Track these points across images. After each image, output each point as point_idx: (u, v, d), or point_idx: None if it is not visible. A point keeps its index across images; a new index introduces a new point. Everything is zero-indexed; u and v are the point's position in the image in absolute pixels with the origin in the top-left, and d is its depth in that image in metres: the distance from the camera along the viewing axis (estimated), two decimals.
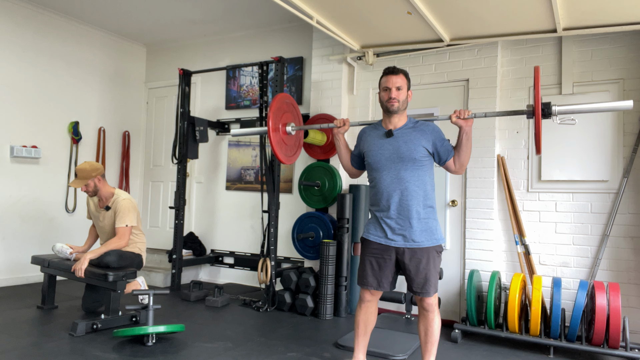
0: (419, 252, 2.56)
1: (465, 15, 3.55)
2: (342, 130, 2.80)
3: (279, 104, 2.85)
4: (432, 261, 2.57)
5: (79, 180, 3.80)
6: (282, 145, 2.86)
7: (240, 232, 5.49)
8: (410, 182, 2.56)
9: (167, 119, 6.15)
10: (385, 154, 2.61)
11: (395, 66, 2.67)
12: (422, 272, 2.55)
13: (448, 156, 2.63)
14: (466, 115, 2.50)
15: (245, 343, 3.32)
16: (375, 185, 2.67)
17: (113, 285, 3.50)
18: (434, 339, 2.63)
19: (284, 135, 2.88)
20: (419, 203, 2.57)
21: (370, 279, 2.65)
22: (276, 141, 2.80)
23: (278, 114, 2.83)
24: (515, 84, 4.06)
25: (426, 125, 2.65)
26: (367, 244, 2.69)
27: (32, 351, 2.99)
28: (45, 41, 5.28)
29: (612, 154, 3.69)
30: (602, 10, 3.30)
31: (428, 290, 2.56)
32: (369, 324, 2.76)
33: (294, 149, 3.02)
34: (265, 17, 5.20)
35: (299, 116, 3.07)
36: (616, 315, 3.06)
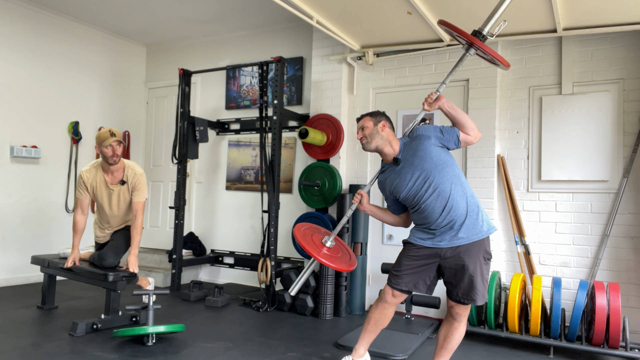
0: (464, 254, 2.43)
1: (465, 15, 3.55)
2: (365, 201, 2.71)
3: (301, 234, 2.68)
4: (479, 266, 2.43)
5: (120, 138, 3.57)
6: (336, 260, 2.68)
7: (240, 232, 5.49)
8: (444, 183, 2.47)
9: (167, 119, 6.15)
10: (408, 177, 2.54)
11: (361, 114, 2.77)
12: (466, 278, 2.43)
13: (456, 134, 2.56)
14: (432, 96, 2.57)
15: (245, 343, 3.32)
16: (417, 209, 2.56)
17: (113, 285, 3.49)
18: (452, 347, 2.58)
19: (330, 251, 2.70)
20: (460, 198, 2.47)
21: (407, 279, 2.56)
22: (332, 261, 2.62)
23: (309, 241, 2.67)
24: (515, 84, 4.06)
25: (416, 130, 2.63)
26: (410, 246, 2.60)
27: (32, 351, 2.99)
28: (45, 41, 5.28)
29: (612, 154, 3.69)
30: (602, 10, 3.30)
31: (474, 298, 2.43)
32: (380, 323, 2.69)
33: (346, 254, 2.82)
34: (265, 17, 5.20)
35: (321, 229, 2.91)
36: (616, 315, 3.06)
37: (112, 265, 3.60)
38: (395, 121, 4.47)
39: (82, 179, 3.67)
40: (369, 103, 4.62)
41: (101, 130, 3.64)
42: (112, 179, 3.67)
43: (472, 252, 2.44)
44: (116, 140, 3.53)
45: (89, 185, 3.68)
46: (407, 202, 2.61)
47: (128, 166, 3.70)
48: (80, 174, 3.70)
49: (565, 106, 3.86)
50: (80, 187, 3.71)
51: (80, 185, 3.70)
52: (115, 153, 3.54)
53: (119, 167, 3.66)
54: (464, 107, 4.18)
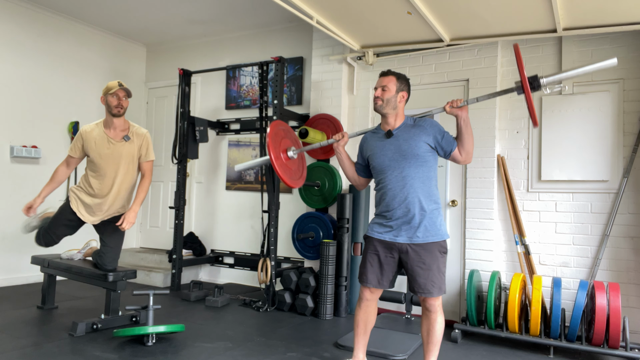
0: (422, 250, 2.55)
1: (465, 15, 3.55)
2: (342, 143, 2.78)
3: (275, 131, 2.81)
4: (436, 261, 2.55)
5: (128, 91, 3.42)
6: (287, 170, 2.82)
7: (240, 232, 5.48)
8: (415, 179, 2.58)
9: (167, 119, 6.15)
10: (388, 154, 2.63)
11: (390, 69, 2.69)
12: (424, 272, 2.54)
13: (452, 147, 2.63)
14: (459, 103, 2.54)
15: (245, 343, 3.32)
16: (381, 187, 2.67)
17: (113, 286, 3.50)
18: (436, 340, 2.62)
19: (287, 161, 2.84)
20: (424, 199, 2.57)
21: (371, 276, 2.65)
22: (281, 169, 2.76)
23: (276, 140, 2.79)
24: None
25: (424, 120, 2.67)
26: (370, 242, 2.69)
27: (32, 351, 2.99)
28: (45, 41, 5.28)
29: (612, 154, 3.69)
30: (602, 10, 3.29)
31: (430, 290, 2.54)
32: (369, 323, 2.76)
33: (299, 171, 2.97)
34: (265, 17, 5.20)
35: (296, 139, 3.02)
36: (616, 315, 3.06)
37: (113, 270, 3.58)
38: None
39: (80, 134, 3.44)
40: (369, 103, 4.62)
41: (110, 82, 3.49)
42: (114, 134, 3.43)
43: (429, 247, 2.55)
44: (124, 90, 3.37)
45: (86, 141, 3.40)
46: (374, 173, 2.73)
47: (132, 125, 3.54)
48: (81, 128, 3.49)
49: (565, 106, 3.86)
50: (77, 142, 3.45)
51: (77, 140, 3.45)
52: (120, 103, 3.36)
53: (123, 124, 3.45)
54: None
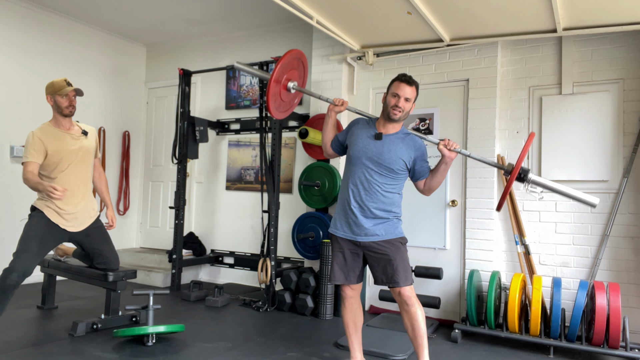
0: (384, 244, 2.61)
1: (465, 15, 3.55)
2: (337, 110, 2.81)
3: (290, 59, 2.76)
4: (398, 251, 2.61)
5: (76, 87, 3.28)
6: (277, 98, 2.80)
7: (240, 232, 5.48)
8: (380, 187, 2.63)
9: (167, 119, 6.15)
10: (368, 153, 2.65)
11: (411, 77, 2.68)
12: (389, 263, 2.59)
13: (421, 176, 2.71)
14: (453, 147, 2.57)
15: (245, 343, 3.32)
16: (348, 178, 2.72)
17: (113, 286, 3.50)
18: (422, 332, 2.62)
19: (283, 90, 2.82)
20: (383, 207, 2.63)
21: (338, 274, 2.71)
22: (273, 92, 2.73)
23: (286, 67, 2.76)
24: (515, 84, 4.06)
25: (415, 140, 2.69)
26: (334, 240, 2.75)
27: (32, 351, 2.99)
28: (45, 41, 5.28)
29: (612, 154, 3.69)
30: (602, 10, 3.29)
31: (397, 280, 2.58)
32: (358, 321, 2.79)
33: (286, 106, 2.95)
34: (265, 17, 5.20)
35: (305, 77, 2.99)
36: (616, 315, 3.06)
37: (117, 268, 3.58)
38: None
39: (36, 137, 3.13)
40: (369, 103, 4.62)
41: (55, 79, 3.30)
42: (74, 130, 3.32)
43: (390, 241, 2.63)
44: (74, 90, 3.26)
45: (46, 141, 3.16)
46: (347, 160, 2.76)
47: (77, 123, 3.42)
48: (31, 134, 3.17)
49: (565, 106, 3.86)
50: (34, 147, 3.10)
51: (33, 145, 3.10)
52: (71, 104, 3.24)
53: (70, 122, 3.33)
54: (464, 107, 4.19)
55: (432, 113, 4.32)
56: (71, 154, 3.27)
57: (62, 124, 3.30)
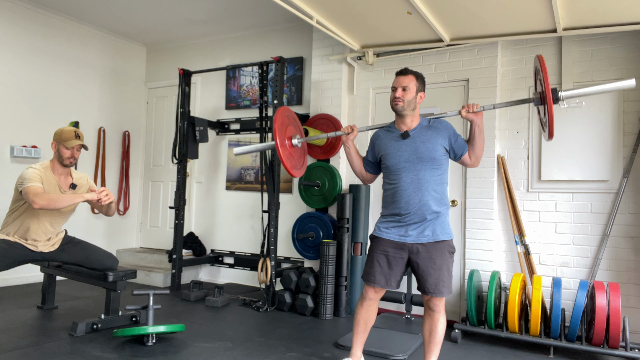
0: (432, 249, 2.55)
1: (465, 15, 3.55)
2: (351, 137, 2.76)
3: (282, 119, 2.81)
4: (445, 261, 2.56)
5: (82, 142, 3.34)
6: (292, 160, 2.84)
7: (240, 232, 5.49)
8: (431, 182, 2.57)
9: (167, 119, 6.15)
10: (404, 155, 2.61)
11: (407, 68, 2.66)
12: (435, 271, 2.53)
13: (463, 151, 2.65)
14: (475, 108, 2.54)
15: (245, 343, 3.32)
16: (393, 187, 2.64)
17: (113, 286, 3.50)
18: (438, 340, 2.62)
19: (291, 149, 2.85)
20: (437, 203, 2.58)
21: (379, 277, 2.62)
22: (286, 156, 2.77)
23: (282, 128, 2.80)
24: (516, 84, 4.06)
25: (439, 122, 2.67)
26: (378, 242, 2.67)
27: (32, 351, 2.99)
28: (45, 41, 5.28)
29: (612, 154, 3.69)
30: (602, 10, 3.30)
31: (441, 290, 2.53)
32: (369, 322, 2.76)
33: (301, 160, 3.00)
34: (265, 17, 5.20)
35: (300, 127, 3.05)
36: (616, 315, 3.06)
37: (115, 267, 3.58)
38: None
39: (37, 172, 3.23)
40: (369, 103, 4.62)
41: (65, 127, 3.37)
42: (64, 182, 3.41)
43: (439, 247, 2.56)
44: (79, 145, 3.33)
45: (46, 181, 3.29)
46: (386, 172, 2.70)
47: (72, 171, 3.50)
48: (32, 169, 3.24)
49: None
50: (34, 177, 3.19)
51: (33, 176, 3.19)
52: (73, 156, 3.33)
53: (68, 171, 3.44)
54: None
55: (432, 113, 4.31)
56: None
57: (58, 171, 3.38)
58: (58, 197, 3.11)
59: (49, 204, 3.06)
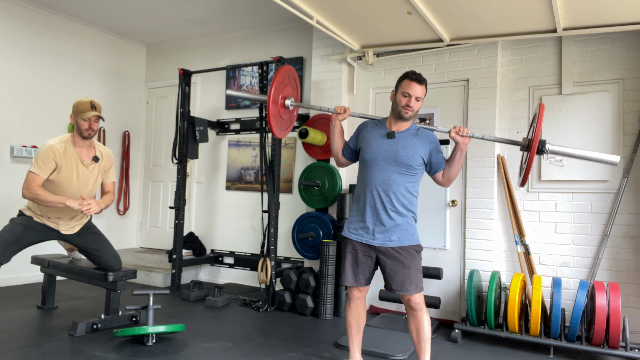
0: (400, 250, 2.60)
1: (465, 15, 3.55)
2: (341, 118, 2.80)
3: (282, 77, 2.80)
4: (412, 259, 2.61)
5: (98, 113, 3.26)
6: (278, 119, 2.84)
7: (240, 232, 5.48)
8: (400, 186, 2.61)
9: (167, 119, 6.15)
10: (383, 153, 2.64)
11: (421, 74, 2.63)
12: (402, 270, 2.59)
13: (439, 168, 2.70)
14: (464, 132, 2.56)
15: (245, 343, 3.32)
16: (364, 181, 2.69)
17: (113, 285, 3.49)
18: (427, 337, 2.63)
19: (282, 109, 2.85)
20: (402, 206, 2.62)
21: (349, 275, 2.70)
22: (274, 114, 2.77)
23: (280, 87, 2.80)
24: (515, 84, 4.06)
25: (427, 134, 2.70)
26: (347, 242, 2.73)
27: (32, 351, 2.99)
28: (45, 41, 5.28)
29: (612, 154, 3.69)
30: (602, 10, 3.29)
31: (408, 288, 2.58)
32: (361, 322, 2.79)
33: (287, 123, 3.00)
34: (265, 17, 5.20)
35: (298, 92, 3.04)
36: (616, 315, 3.06)
37: (117, 268, 3.58)
38: None
39: (51, 152, 3.16)
40: (369, 103, 4.62)
41: (82, 99, 3.31)
42: (86, 155, 3.33)
43: (405, 248, 2.62)
44: (96, 115, 3.26)
45: (58, 160, 3.19)
46: (362, 164, 2.73)
47: (96, 144, 3.46)
48: (48, 147, 3.18)
49: (565, 106, 3.86)
50: (45, 161, 3.14)
51: (45, 160, 3.14)
52: (91, 127, 3.26)
53: (90, 143, 3.37)
54: (464, 107, 4.19)
55: (432, 113, 4.32)
56: (74, 176, 3.30)
57: (79, 144, 3.33)
58: (45, 196, 3.11)
59: (34, 199, 3.13)
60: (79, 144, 3.32)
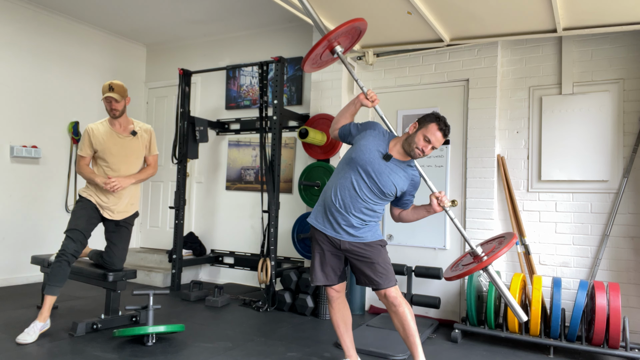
0: (363, 246, 2.62)
1: (465, 15, 3.55)
2: (365, 103, 2.71)
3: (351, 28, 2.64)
4: (379, 253, 2.63)
5: (118, 94, 3.42)
6: (317, 57, 2.72)
7: (240, 232, 5.48)
8: (366, 200, 2.60)
9: (167, 119, 6.15)
10: (368, 166, 2.59)
11: (449, 127, 2.59)
12: (370, 265, 2.60)
13: (402, 206, 2.74)
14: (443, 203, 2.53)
15: (245, 343, 3.32)
16: (339, 178, 2.66)
17: (113, 285, 3.49)
18: (413, 331, 2.59)
19: (327, 50, 2.72)
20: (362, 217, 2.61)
21: (318, 275, 2.71)
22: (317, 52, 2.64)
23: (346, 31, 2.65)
24: (515, 84, 4.06)
25: (414, 175, 2.67)
26: (316, 233, 2.73)
27: (32, 351, 2.99)
28: (46, 41, 5.28)
29: (612, 154, 3.69)
30: (602, 10, 3.29)
31: (379, 282, 2.58)
32: (347, 319, 2.80)
33: (319, 64, 2.87)
34: (265, 17, 5.20)
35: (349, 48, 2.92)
36: (616, 315, 3.06)
37: (119, 268, 3.58)
38: (395, 121, 4.48)
39: (86, 133, 3.49)
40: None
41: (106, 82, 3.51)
42: (122, 130, 3.55)
43: (370, 244, 2.63)
44: (110, 96, 3.41)
45: (94, 138, 3.47)
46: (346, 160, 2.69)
47: (135, 121, 3.65)
48: (85, 129, 3.53)
49: (565, 106, 3.86)
50: (83, 142, 3.49)
51: (83, 141, 3.50)
52: (112, 107, 3.44)
53: (125, 121, 3.57)
54: (464, 107, 4.19)
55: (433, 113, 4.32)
56: (113, 151, 3.50)
57: (113, 122, 3.55)
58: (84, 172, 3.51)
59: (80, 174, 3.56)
60: (113, 122, 3.55)
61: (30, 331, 3.20)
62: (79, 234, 3.35)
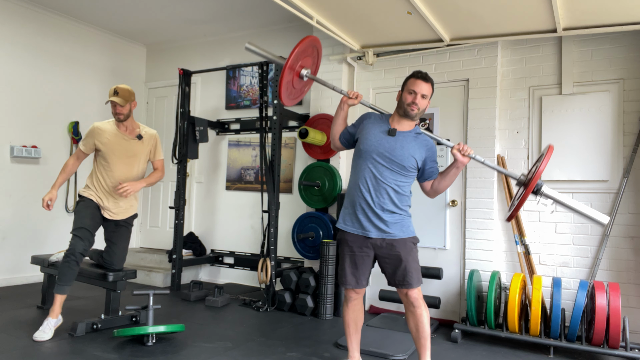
0: (394, 243, 2.59)
1: (465, 15, 3.55)
2: (351, 103, 2.74)
3: (305, 46, 2.70)
4: (410, 251, 2.60)
5: (122, 99, 3.44)
6: (289, 86, 2.74)
7: (240, 232, 5.49)
8: (390, 184, 2.59)
9: (167, 119, 6.15)
10: (379, 148, 2.61)
11: (427, 73, 2.62)
12: (401, 264, 2.57)
13: (430, 177, 2.70)
14: (467, 152, 2.51)
15: (245, 343, 3.32)
16: (357, 174, 2.68)
17: (113, 285, 3.50)
18: (427, 334, 2.61)
19: (296, 78, 2.76)
20: (392, 204, 2.60)
21: (349, 278, 2.68)
22: (287, 81, 2.66)
23: (301, 54, 2.70)
24: (515, 84, 4.06)
25: (426, 140, 2.68)
26: (344, 236, 2.71)
27: (32, 351, 2.99)
28: (45, 41, 5.28)
29: (612, 154, 3.69)
30: (602, 10, 3.29)
31: (410, 281, 2.56)
32: (359, 321, 2.79)
33: (297, 93, 2.90)
34: (265, 17, 5.20)
35: (317, 65, 2.94)
36: (616, 315, 3.06)
37: (119, 268, 3.59)
38: None
39: (93, 129, 3.52)
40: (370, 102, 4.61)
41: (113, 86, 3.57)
42: (128, 132, 3.58)
43: (401, 241, 2.60)
44: (113, 101, 3.44)
45: (99, 137, 3.49)
46: (356, 154, 2.71)
47: (141, 125, 3.69)
48: (94, 124, 3.56)
49: (565, 106, 3.86)
50: (89, 137, 3.53)
51: (89, 135, 3.53)
52: (116, 111, 3.48)
53: (131, 124, 3.60)
54: (464, 107, 4.19)
55: (432, 113, 4.32)
56: (117, 152, 3.51)
57: (119, 125, 3.58)
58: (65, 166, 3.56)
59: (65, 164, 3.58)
60: (119, 125, 3.58)
61: (45, 329, 3.24)
62: (86, 232, 3.36)
